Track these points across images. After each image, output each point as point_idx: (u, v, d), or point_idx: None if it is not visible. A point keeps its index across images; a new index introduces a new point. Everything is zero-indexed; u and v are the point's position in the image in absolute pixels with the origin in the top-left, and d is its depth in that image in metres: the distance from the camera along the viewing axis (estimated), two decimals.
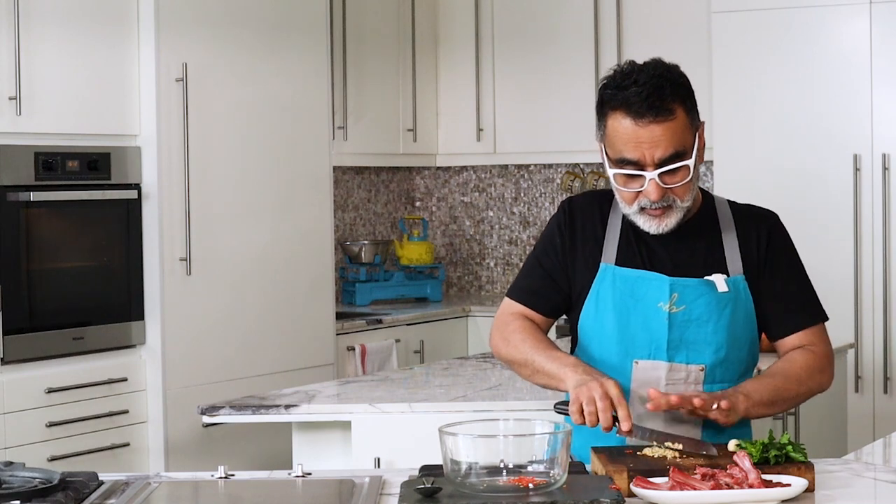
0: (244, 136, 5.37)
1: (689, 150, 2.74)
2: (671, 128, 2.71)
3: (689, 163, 2.73)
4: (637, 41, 6.36)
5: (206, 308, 5.20)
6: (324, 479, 2.62)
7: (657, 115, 2.70)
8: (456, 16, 6.82)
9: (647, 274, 2.81)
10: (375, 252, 6.60)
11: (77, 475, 2.53)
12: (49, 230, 4.80)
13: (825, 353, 2.92)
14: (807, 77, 5.81)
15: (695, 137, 2.77)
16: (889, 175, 5.70)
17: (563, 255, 2.90)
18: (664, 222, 2.77)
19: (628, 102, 2.71)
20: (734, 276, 2.83)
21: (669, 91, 2.72)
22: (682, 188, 2.76)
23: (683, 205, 2.77)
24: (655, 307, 2.80)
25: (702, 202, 2.90)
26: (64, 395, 4.77)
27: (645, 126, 2.70)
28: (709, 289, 2.80)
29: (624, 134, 2.72)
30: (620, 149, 2.73)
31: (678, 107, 2.74)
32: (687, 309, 2.79)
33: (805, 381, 2.85)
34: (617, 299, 2.82)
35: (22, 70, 4.65)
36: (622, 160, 2.74)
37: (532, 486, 2.33)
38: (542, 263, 2.92)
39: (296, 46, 5.59)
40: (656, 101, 2.70)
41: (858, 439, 5.34)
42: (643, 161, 2.72)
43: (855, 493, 2.48)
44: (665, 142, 2.71)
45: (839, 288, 5.77)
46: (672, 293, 2.79)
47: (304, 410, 3.68)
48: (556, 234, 2.92)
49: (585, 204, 2.93)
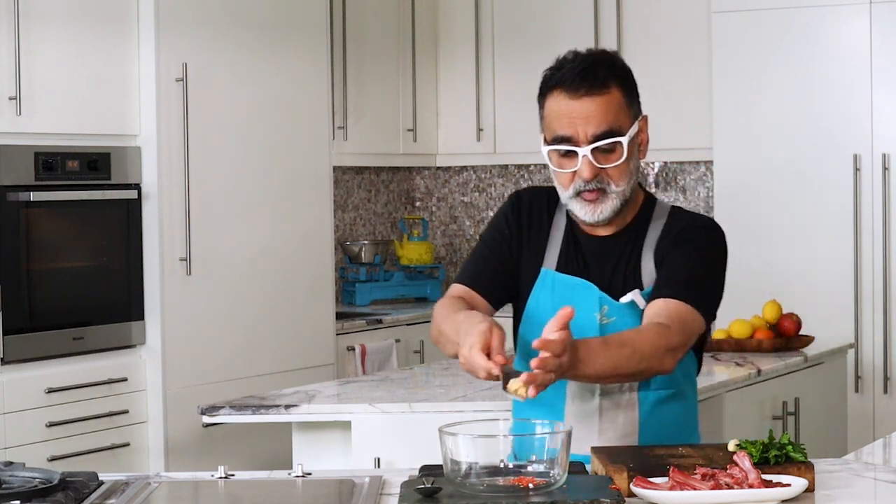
0: (244, 136, 5.37)
1: (625, 130, 2.72)
2: (605, 103, 2.70)
3: (622, 140, 2.70)
4: (637, 41, 6.36)
5: (206, 308, 5.20)
6: (324, 479, 2.62)
7: (590, 89, 2.69)
8: (456, 16, 6.82)
9: (582, 283, 2.79)
10: (375, 252, 6.60)
11: (77, 475, 2.53)
12: (49, 230, 4.80)
13: (680, 337, 2.67)
14: (807, 77, 5.81)
15: (633, 122, 2.75)
16: (889, 175, 5.70)
17: (510, 247, 2.87)
18: (599, 208, 2.74)
19: (563, 79, 2.72)
20: (648, 287, 2.77)
21: (605, 69, 2.72)
22: (616, 171, 2.72)
23: (618, 189, 2.73)
24: (591, 315, 2.76)
25: (641, 206, 2.84)
26: (64, 395, 4.77)
27: (578, 99, 2.69)
28: (632, 307, 2.76)
29: (559, 111, 2.72)
30: (555, 127, 2.73)
31: (613, 84, 2.72)
32: (616, 321, 2.75)
33: (647, 359, 2.61)
34: (555, 304, 2.76)
35: (22, 70, 4.65)
36: (556, 138, 2.72)
37: (532, 486, 2.33)
38: (488, 245, 2.89)
39: (296, 46, 5.59)
40: (590, 75, 2.70)
41: (858, 439, 5.34)
42: (576, 137, 2.70)
43: (855, 493, 2.48)
44: (598, 117, 2.69)
45: (839, 288, 5.77)
46: (602, 306, 2.77)
47: (304, 410, 3.68)
48: (503, 225, 2.89)
49: (534, 200, 2.90)
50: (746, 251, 5.92)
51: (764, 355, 4.61)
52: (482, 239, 2.93)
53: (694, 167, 6.66)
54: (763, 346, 4.65)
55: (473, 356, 2.49)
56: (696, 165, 6.65)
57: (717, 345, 4.67)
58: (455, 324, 2.66)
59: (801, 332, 4.80)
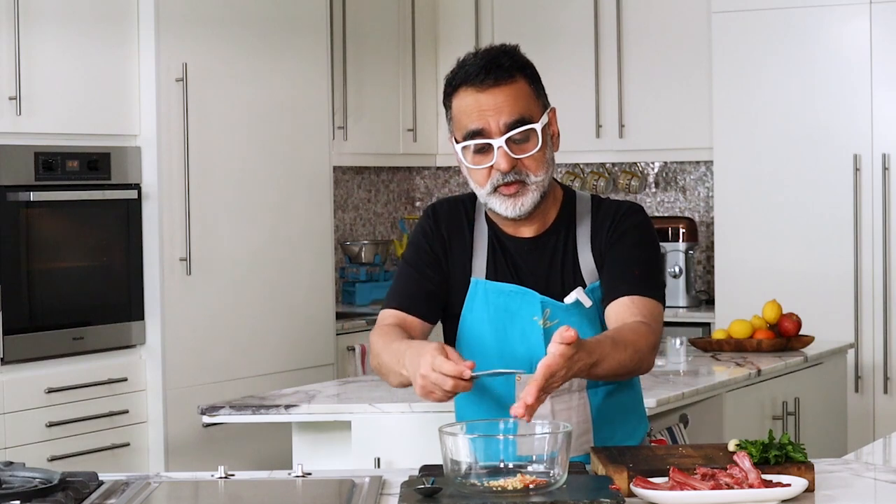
0: (244, 136, 5.37)
1: (536, 118, 2.69)
2: (513, 92, 2.68)
3: (535, 126, 2.67)
4: (637, 41, 6.36)
5: (206, 308, 5.20)
6: (324, 479, 2.62)
7: (497, 79, 2.67)
8: (456, 16, 6.82)
9: (518, 289, 2.74)
10: (375, 252, 6.60)
11: (77, 475, 2.53)
12: (49, 230, 4.80)
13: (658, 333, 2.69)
14: (807, 77, 5.81)
15: (542, 113, 2.72)
16: (889, 175, 5.70)
17: (433, 261, 2.80)
18: (519, 201, 2.69)
19: (468, 75, 2.70)
20: (591, 284, 2.74)
21: (507, 60, 2.70)
22: (532, 161, 2.68)
23: (537, 179, 2.69)
24: (531, 321, 2.73)
25: (562, 201, 2.81)
26: (64, 395, 4.77)
27: (486, 91, 2.66)
28: (576, 306, 2.73)
29: (467, 106, 2.69)
30: (465, 123, 2.69)
31: (518, 74, 2.70)
32: (560, 323, 2.69)
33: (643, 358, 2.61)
34: (492, 314, 2.75)
35: (22, 70, 4.65)
36: (468, 133, 2.68)
37: (532, 487, 2.33)
38: (412, 264, 2.82)
39: (296, 46, 5.59)
40: (494, 66, 2.68)
41: (858, 439, 5.35)
42: (489, 129, 2.66)
43: (855, 493, 2.48)
44: (508, 106, 2.66)
45: (839, 288, 5.77)
46: (544, 309, 2.73)
47: (304, 410, 3.68)
48: (424, 241, 2.82)
49: (451, 210, 2.84)
50: (746, 251, 5.92)
51: (764, 355, 4.61)
52: (405, 260, 2.85)
53: (694, 167, 6.66)
54: (763, 346, 4.65)
55: (440, 365, 2.43)
56: (696, 165, 6.65)
57: (717, 345, 4.66)
58: (397, 354, 2.61)
59: (801, 332, 4.79)
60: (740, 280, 5.94)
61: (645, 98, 6.35)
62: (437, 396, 2.47)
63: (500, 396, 2.75)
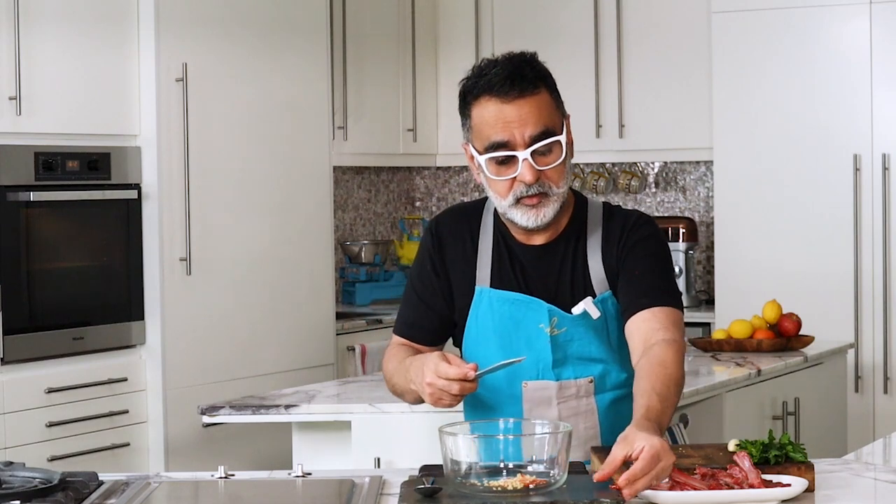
0: (244, 136, 5.37)
1: (559, 130, 2.68)
2: (537, 103, 2.65)
3: (560, 139, 2.66)
4: (637, 41, 6.36)
5: (206, 308, 5.20)
6: (324, 479, 2.62)
7: (522, 91, 2.63)
8: (456, 16, 6.82)
9: (525, 298, 2.74)
10: (375, 252, 6.60)
11: (77, 475, 2.53)
12: (49, 230, 4.80)
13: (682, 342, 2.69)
14: (807, 77, 5.81)
15: (562, 123, 2.71)
16: (889, 175, 5.70)
17: (437, 279, 2.82)
18: (541, 213, 2.68)
19: (490, 84, 2.65)
20: (601, 294, 2.74)
21: (530, 70, 2.66)
22: (555, 172, 2.67)
23: (559, 191, 2.68)
24: (537, 328, 2.73)
25: (574, 208, 2.81)
26: (64, 395, 4.77)
27: (511, 102, 2.63)
28: (584, 317, 2.73)
29: (490, 117, 2.65)
30: (489, 134, 2.65)
31: (541, 84, 2.67)
32: (568, 331, 2.72)
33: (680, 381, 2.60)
34: (497, 322, 2.75)
35: (22, 70, 4.65)
36: (492, 145, 2.65)
37: (532, 487, 2.33)
38: (417, 292, 2.86)
39: (296, 46, 5.59)
40: (518, 77, 2.64)
41: (858, 439, 5.35)
42: (514, 141, 2.64)
43: (855, 493, 2.48)
44: (533, 118, 2.64)
45: (839, 288, 5.77)
46: (552, 318, 2.73)
47: (304, 410, 3.68)
48: (426, 259, 2.84)
49: (453, 223, 2.83)
50: (746, 251, 5.92)
51: (764, 355, 4.61)
52: (411, 283, 2.88)
53: (694, 167, 6.66)
54: (763, 346, 4.65)
55: (444, 371, 2.50)
56: (696, 165, 6.65)
57: (717, 345, 4.66)
58: (403, 370, 2.71)
59: (801, 332, 4.79)
60: (740, 280, 5.94)
61: (645, 98, 6.35)
62: (446, 402, 2.55)
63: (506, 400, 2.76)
